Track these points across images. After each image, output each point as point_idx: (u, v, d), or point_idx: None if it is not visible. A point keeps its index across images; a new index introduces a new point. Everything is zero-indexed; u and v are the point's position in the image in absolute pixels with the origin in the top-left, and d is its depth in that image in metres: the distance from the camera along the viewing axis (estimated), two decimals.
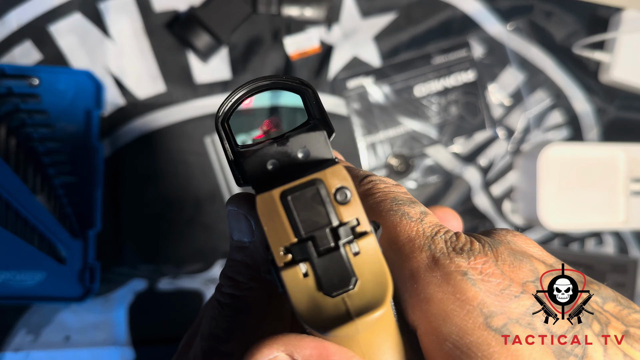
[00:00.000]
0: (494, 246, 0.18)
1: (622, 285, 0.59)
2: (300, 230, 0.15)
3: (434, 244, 0.18)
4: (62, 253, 0.53)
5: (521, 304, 0.17)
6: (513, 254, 0.18)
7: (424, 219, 0.19)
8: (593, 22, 0.64)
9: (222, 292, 0.21)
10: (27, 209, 0.51)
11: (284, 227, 0.15)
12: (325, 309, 0.15)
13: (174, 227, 0.57)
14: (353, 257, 0.15)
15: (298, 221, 0.15)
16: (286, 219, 0.15)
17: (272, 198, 0.15)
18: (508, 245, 0.18)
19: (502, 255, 0.18)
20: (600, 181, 0.60)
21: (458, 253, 0.17)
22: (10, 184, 0.48)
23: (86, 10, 0.56)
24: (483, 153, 0.62)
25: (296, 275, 0.15)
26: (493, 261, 0.17)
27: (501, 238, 0.19)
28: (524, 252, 0.18)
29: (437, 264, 0.17)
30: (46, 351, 0.54)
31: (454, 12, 0.61)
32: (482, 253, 0.17)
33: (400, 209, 0.19)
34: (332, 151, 0.18)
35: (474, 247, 0.18)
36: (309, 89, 0.18)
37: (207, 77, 0.57)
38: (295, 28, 0.58)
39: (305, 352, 0.16)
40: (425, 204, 0.68)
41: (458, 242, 0.18)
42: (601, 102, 0.64)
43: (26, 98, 0.51)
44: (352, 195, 0.16)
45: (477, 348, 0.16)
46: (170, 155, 0.57)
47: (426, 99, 0.61)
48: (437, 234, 0.18)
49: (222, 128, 0.18)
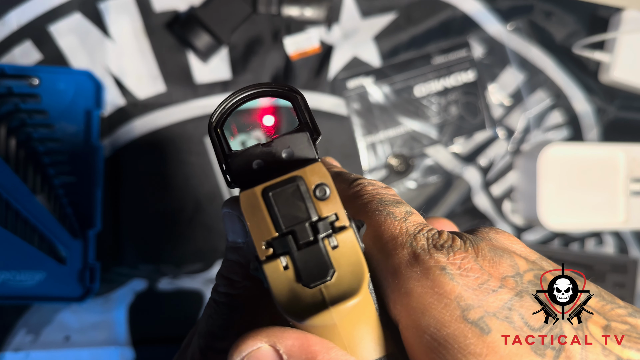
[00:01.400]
0: (475, 242, 0.18)
1: (622, 285, 0.59)
2: (280, 225, 0.16)
3: (416, 241, 0.18)
4: (62, 253, 0.53)
5: (499, 298, 0.17)
6: (494, 250, 0.18)
7: (408, 218, 0.19)
8: (593, 22, 0.64)
9: (217, 291, 0.22)
10: (27, 209, 0.51)
11: (266, 222, 0.16)
12: (304, 299, 0.16)
13: (173, 227, 0.57)
14: (331, 250, 0.16)
15: (279, 216, 0.16)
16: (267, 214, 0.16)
17: (254, 194, 0.16)
18: (490, 241, 0.19)
19: (482, 251, 0.18)
20: (600, 181, 0.60)
21: (438, 249, 0.18)
22: (10, 184, 0.48)
23: (86, 10, 0.56)
24: (483, 153, 0.62)
25: (277, 268, 0.16)
26: (473, 257, 0.18)
27: (483, 235, 0.20)
28: (506, 249, 0.19)
29: (418, 259, 0.18)
30: (46, 351, 0.54)
31: (454, 12, 0.61)
32: (462, 249, 0.18)
33: (386, 208, 0.19)
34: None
35: (455, 244, 0.18)
36: (297, 96, 0.19)
37: (207, 77, 0.57)
38: (295, 28, 0.58)
39: (288, 343, 0.16)
40: (425, 204, 0.67)
41: (440, 239, 0.18)
42: (601, 102, 0.64)
43: (26, 98, 0.51)
44: (331, 192, 0.16)
45: (453, 340, 0.17)
46: (170, 155, 0.57)
47: (426, 99, 0.61)
48: (419, 232, 0.19)
49: (214, 133, 0.19)
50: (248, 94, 0.19)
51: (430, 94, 0.61)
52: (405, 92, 0.61)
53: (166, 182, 0.57)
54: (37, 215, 0.52)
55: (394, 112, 0.61)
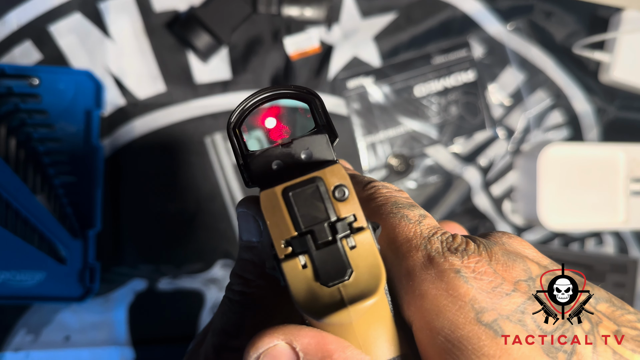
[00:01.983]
0: (489, 247, 0.19)
1: (622, 285, 0.59)
2: (300, 225, 0.16)
3: (430, 244, 0.19)
4: (62, 253, 0.53)
5: (512, 301, 0.17)
6: (507, 254, 0.19)
7: (422, 221, 0.20)
8: (593, 22, 0.64)
9: (232, 289, 0.22)
10: (27, 208, 0.51)
11: (285, 221, 0.16)
12: (322, 298, 0.16)
13: (174, 227, 0.57)
14: (349, 251, 0.17)
15: (298, 216, 0.16)
16: (287, 214, 0.16)
17: (274, 194, 0.16)
18: (503, 246, 0.19)
19: (495, 255, 0.19)
20: (600, 181, 0.60)
21: (452, 252, 0.18)
22: (10, 184, 0.48)
23: (86, 10, 0.56)
24: (483, 153, 0.62)
25: (295, 267, 0.16)
26: (486, 260, 0.18)
27: (497, 239, 0.20)
28: (518, 253, 0.19)
29: (432, 262, 0.18)
30: (46, 351, 0.54)
31: (454, 12, 0.61)
32: (475, 253, 0.18)
33: (400, 211, 0.20)
34: (338, 158, 0.19)
35: (469, 247, 0.18)
36: (315, 98, 0.19)
37: (207, 77, 0.57)
38: (296, 28, 0.58)
39: (304, 341, 0.17)
40: (425, 204, 0.67)
41: (454, 242, 0.19)
42: (601, 102, 0.64)
43: (26, 98, 0.51)
44: (349, 193, 0.17)
45: (467, 341, 0.17)
46: (170, 155, 0.57)
47: (426, 99, 0.61)
48: (434, 235, 0.19)
49: (233, 133, 0.19)
50: (267, 95, 0.19)
51: (430, 94, 0.61)
52: (405, 92, 0.61)
53: (166, 182, 0.57)
54: (37, 215, 0.52)
55: (394, 112, 0.61)
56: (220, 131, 0.57)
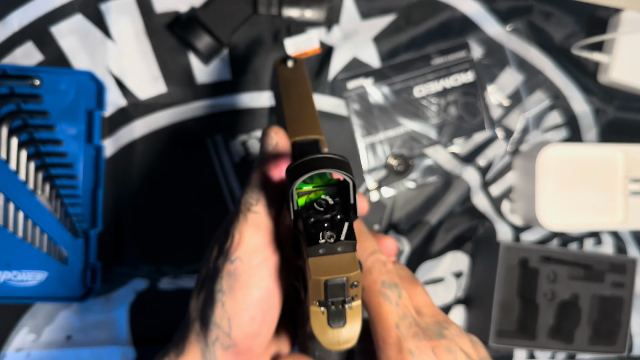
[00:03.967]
0: (436, 338, 0.28)
1: (621, 285, 0.59)
2: (327, 297, 0.26)
3: (401, 327, 0.28)
4: (63, 253, 0.53)
5: None
6: (449, 348, 0.28)
7: (399, 303, 0.28)
8: (592, 23, 0.64)
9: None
10: (29, 209, 0.51)
11: (320, 293, 0.26)
12: (328, 334, 0.27)
13: (174, 227, 0.57)
14: (348, 310, 0.27)
15: (328, 295, 0.26)
16: (323, 290, 0.25)
17: (320, 281, 0.25)
18: (449, 340, 0.28)
19: (440, 344, 0.28)
20: (598, 181, 0.61)
21: (412, 336, 0.27)
22: (12, 185, 0.48)
23: (87, 11, 0.56)
24: (482, 153, 0.62)
25: (318, 312, 0.26)
26: (430, 346, 0.28)
27: (447, 333, 0.29)
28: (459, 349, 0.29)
29: (399, 341, 0.28)
30: (47, 351, 0.54)
31: (453, 13, 0.62)
32: (425, 339, 0.28)
33: (385, 292, 0.29)
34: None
35: (425, 334, 0.28)
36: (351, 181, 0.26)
37: (207, 78, 0.58)
38: (296, 29, 0.59)
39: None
40: (424, 204, 0.67)
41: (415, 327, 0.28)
42: (600, 103, 0.64)
43: (27, 99, 0.51)
44: (359, 284, 0.26)
45: None
46: (171, 155, 0.57)
47: (425, 100, 0.61)
48: (404, 317, 0.28)
49: (294, 193, 0.26)
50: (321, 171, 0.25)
51: (429, 95, 0.61)
52: (405, 92, 0.61)
53: (167, 182, 0.57)
54: (39, 216, 0.52)
55: (394, 113, 0.61)
56: (221, 132, 0.58)
